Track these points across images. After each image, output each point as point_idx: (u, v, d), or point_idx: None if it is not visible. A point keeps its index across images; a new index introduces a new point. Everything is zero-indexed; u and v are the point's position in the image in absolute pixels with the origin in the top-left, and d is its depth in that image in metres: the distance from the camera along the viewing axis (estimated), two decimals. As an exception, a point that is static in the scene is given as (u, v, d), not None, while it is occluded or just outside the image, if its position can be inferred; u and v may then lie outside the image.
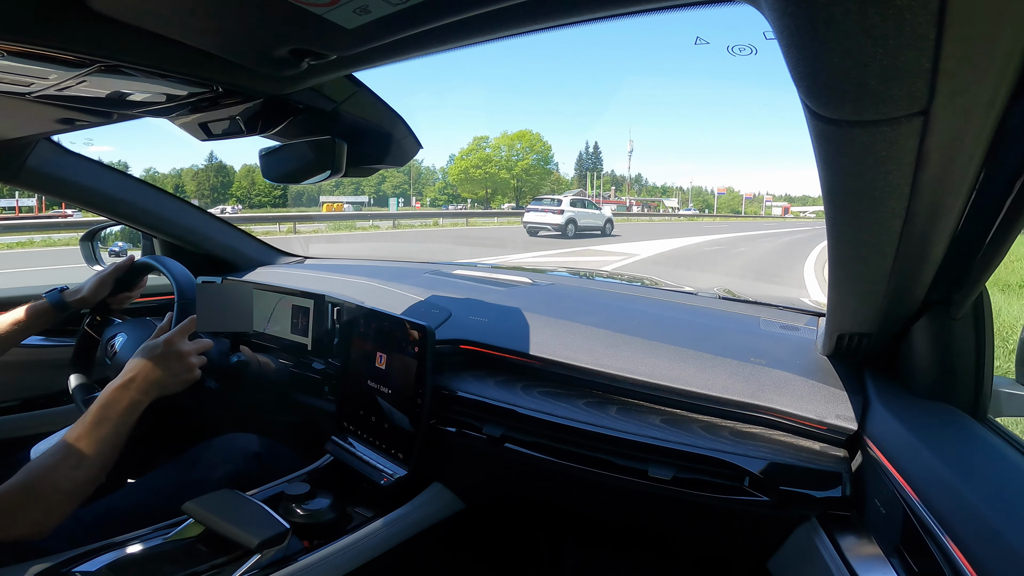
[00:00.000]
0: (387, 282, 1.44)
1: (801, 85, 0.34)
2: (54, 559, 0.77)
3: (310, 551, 0.87)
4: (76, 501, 0.80)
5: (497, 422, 0.98)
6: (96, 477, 0.82)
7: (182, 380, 0.95)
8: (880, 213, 0.46)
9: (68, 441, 0.81)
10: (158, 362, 0.92)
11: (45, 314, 1.20)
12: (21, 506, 0.74)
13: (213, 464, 1.07)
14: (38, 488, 0.76)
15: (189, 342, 0.97)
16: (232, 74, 0.73)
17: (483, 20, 0.58)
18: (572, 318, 1.12)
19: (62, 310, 1.22)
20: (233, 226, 1.78)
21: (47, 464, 0.78)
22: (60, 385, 1.32)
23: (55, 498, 0.77)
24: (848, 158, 0.40)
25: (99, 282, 1.26)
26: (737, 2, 0.43)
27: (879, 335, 0.77)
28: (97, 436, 0.83)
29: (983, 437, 0.62)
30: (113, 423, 0.84)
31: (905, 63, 0.30)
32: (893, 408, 0.71)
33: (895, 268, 0.57)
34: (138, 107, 0.85)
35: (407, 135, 0.98)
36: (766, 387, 0.85)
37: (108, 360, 1.20)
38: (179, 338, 0.96)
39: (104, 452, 0.83)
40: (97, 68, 0.66)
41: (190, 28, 0.61)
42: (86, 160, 1.38)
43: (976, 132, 0.38)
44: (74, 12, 0.55)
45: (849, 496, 0.73)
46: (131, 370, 0.90)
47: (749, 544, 0.90)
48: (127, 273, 1.31)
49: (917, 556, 0.56)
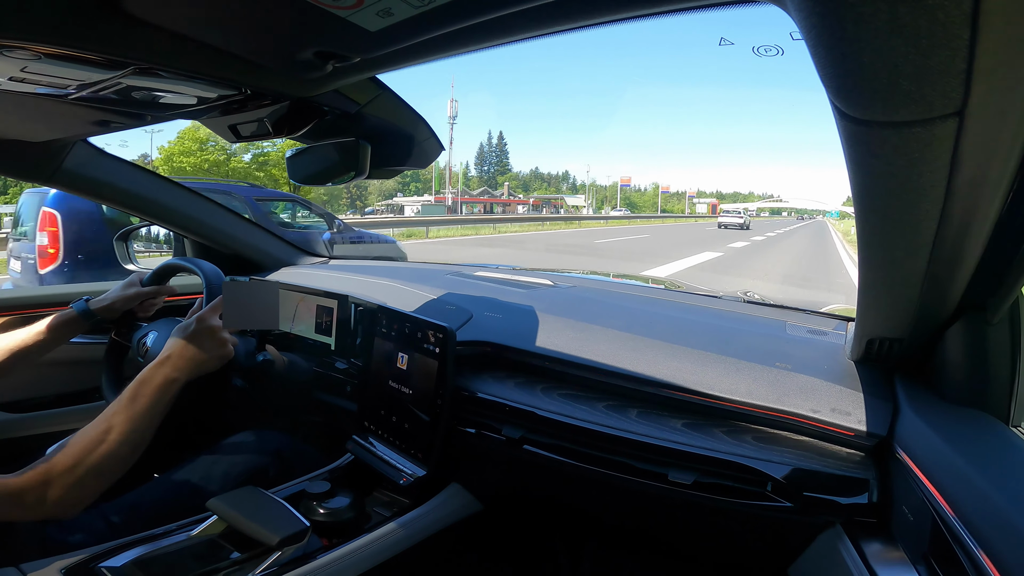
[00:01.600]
0: (409, 283, 1.45)
1: (830, 86, 0.34)
2: (79, 554, 0.78)
3: (329, 549, 0.88)
4: (105, 479, 0.79)
5: (516, 424, 0.98)
6: (128, 456, 0.81)
7: (217, 356, 0.95)
8: (913, 215, 0.45)
9: (103, 417, 0.82)
10: (192, 339, 0.93)
11: (74, 323, 1.22)
12: (43, 482, 0.74)
13: (235, 461, 1.09)
14: (62, 463, 0.75)
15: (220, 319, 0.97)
16: (259, 76, 0.75)
17: (506, 22, 0.58)
18: (593, 321, 1.12)
19: (89, 319, 1.24)
20: (260, 226, 1.81)
21: (75, 440, 0.78)
22: (94, 382, 1.35)
23: (79, 473, 0.76)
24: (880, 159, 0.39)
25: (125, 293, 1.27)
26: (763, 2, 0.42)
27: (911, 340, 0.75)
28: (130, 413, 0.83)
29: (1017, 445, 0.60)
30: (148, 399, 0.85)
31: (938, 63, 0.29)
32: (924, 414, 0.69)
33: (929, 271, 0.55)
34: (170, 109, 0.88)
35: (429, 136, 0.99)
36: (791, 392, 0.84)
37: (141, 359, 1.23)
38: (210, 315, 0.96)
39: (137, 429, 0.82)
40: (131, 70, 0.68)
41: (219, 30, 0.62)
42: (120, 161, 1.42)
43: (1014, 132, 0.37)
44: (109, 15, 0.57)
45: (876, 503, 0.71)
46: (166, 349, 0.92)
47: (770, 550, 0.88)
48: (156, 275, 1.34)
49: (945, 565, 0.54)
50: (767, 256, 14.28)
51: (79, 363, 1.48)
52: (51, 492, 0.74)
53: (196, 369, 0.92)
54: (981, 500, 0.51)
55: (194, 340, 0.93)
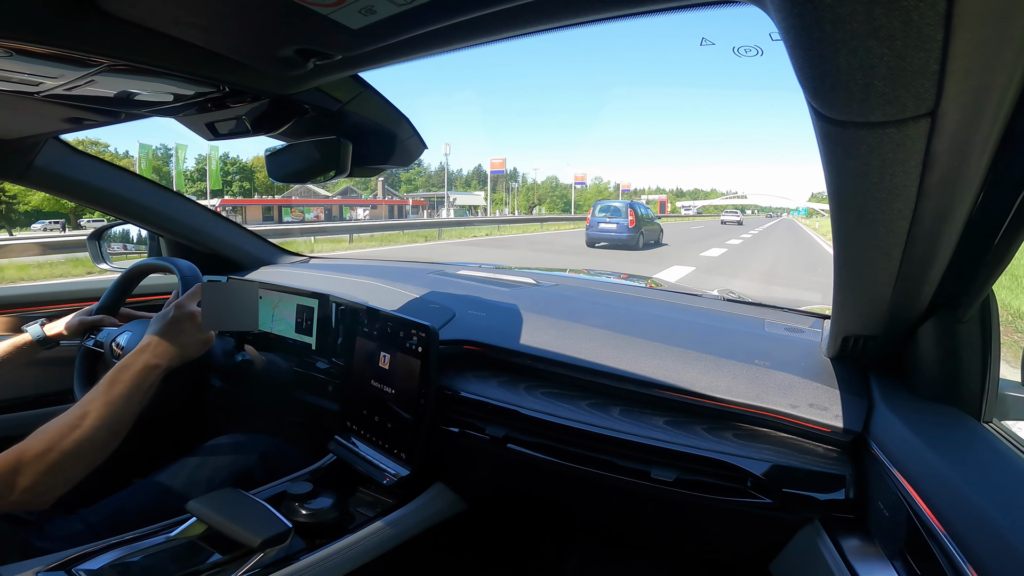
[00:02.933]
0: (391, 282, 1.44)
1: (807, 87, 0.34)
2: (56, 557, 0.77)
3: (312, 550, 0.88)
4: (80, 465, 0.76)
5: (500, 422, 0.98)
6: (104, 442, 0.79)
7: (198, 342, 0.93)
8: (887, 215, 0.46)
9: (79, 404, 0.80)
10: (172, 325, 0.91)
11: (29, 348, 1.21)
12: (13, 469, 0.70)
13: (220, 464, 1.07)
14: (34, 448, 0.72)
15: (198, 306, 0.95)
16: (238, 74, 0.73)
17: (488, 21, 0.58)
18: (576, 319, 1.12)
19: (44, 344, 1.23)
20: (238, 225, 1.79)
21: (47, 426, 0.76)
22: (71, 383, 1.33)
23: (51, 458, 0.73)
24: (854, 159, 0.40)
25: (71, 322, 1.26)
26: (743, 3, 0.43)
27: (885, 337, 0.76)
28: (108, 398, 0.81)
29: (988, 441, 0.62)
30: (127, 385, 0.83)
31: (912, 64, 0.30)
32: (898, 411, 0.70)
33: (902, 270, 0.56)
34: (146, 107, 0.86)
35: (412, 135, 0.98)
36: (770, 389, 0.85)
37: (115, 359, 1.20)
38: (189, 302, 0.95)
39: (115, 415, 0.80)
40: (106, 68, 0.66)
41: (197, 28, 0.61)
42: (93, 159, 1.39)
43: (984, 134, 0.38)
44: (83, 12, 0.55)
45: (852, 499, 0.73)
46: (146, 338, 0.90)
47: (751, 546, 0.90)
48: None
49: (921, 560, 0.56)
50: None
51: (55, 364, 1.44)
52: (21, 479, 0.71)
53: (177, 355, 0.90)
54: (954, 496, 0.52)
55: (174, 326, 0.91)
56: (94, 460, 0.78)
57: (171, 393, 0.98)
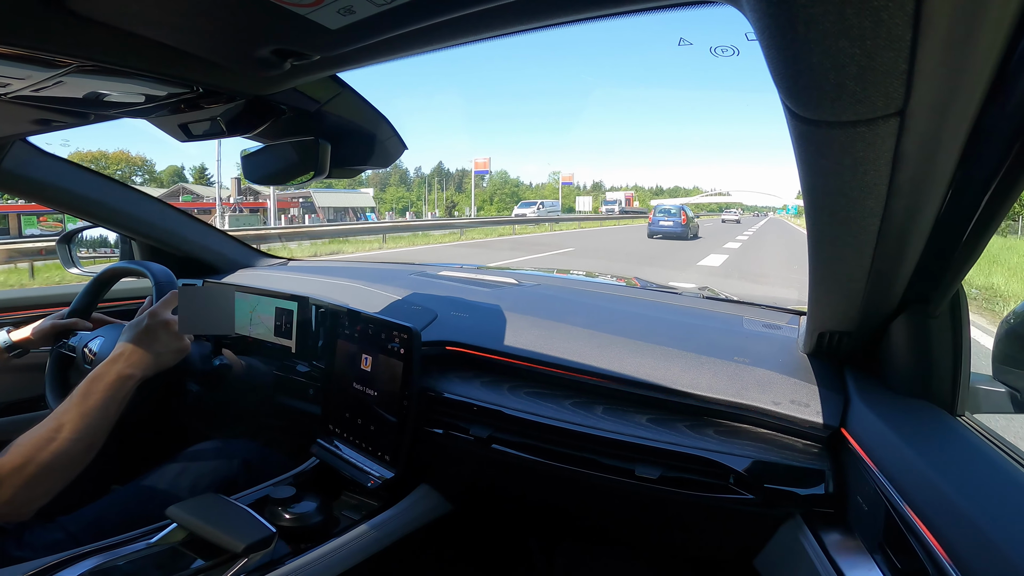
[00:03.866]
0: (372, 284, 1.43)
1: (782, 86, 0.35)
2: (35, 565, 0.75)
3: (297, 555, 0.86)
4: (58, 478, 0.76)
5: (484, 423, 0.98)
6: (81, 454, 0.78)
7: (173, 350, 0.92)
8: (858, 212, 0.47)
9: (53, 415, 0.79)
10: (146, 334, 0.90)
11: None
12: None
13: (203, 471, 1.06)
14: (10, 463, 0.72)
15: (174, 315, 0.94)
16: (213, 74, 0.72)
17: (467, 21, 0.58)
18: (558, 318, 1.13)
19: (10, 350, 1.21)
20: (213, 228, 1.75)
21: (22, 440, 0.75)
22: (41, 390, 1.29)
23: (29, 471, 0.73)
24: (827, 158, 0.40)
25: (42, 327, 1.24)
26: (719, 3, 0.43)
27: (859, 333, 0.78)
28: (82, 410, 0.80)
29: (960, 433, 0.63)
30: (101, 396, 0.82)
31: (882, 64, 0.30)
32: (873, 405, 0.72)
33: (874, 267, 0.57)
34: (116, 108, 0.84)
35: (391, 136, 0.98)
36: (749, 385, 0.86)
37: (88, 365, 1.17)
38: (163, 310, 0.93)
39: (90, 426, 0.79)
40: (74, 68, 0.64)
41: (170, 28, 0.60)
42: (63, 161, 1.35)
43: (952, 132, 0.39)
44: (50, 11, 0.54)
45: (832, 493, 0.74)
46: (119, 347, 0.88)
47: (736, 542, 0.91)
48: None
49: (900, 552, 0.57)
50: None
51: (25, 370, 1.40)
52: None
53: (152, 365, 0.89)
54: (930, 490, 0.53)
55: (148, 335, 0.90)
56: (72, 472, 0.78)
57: (146, 400, 0.96)
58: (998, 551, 0.43)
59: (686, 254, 13.41)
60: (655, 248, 15.16)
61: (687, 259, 12.06)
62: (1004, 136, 0.42)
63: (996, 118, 0.41)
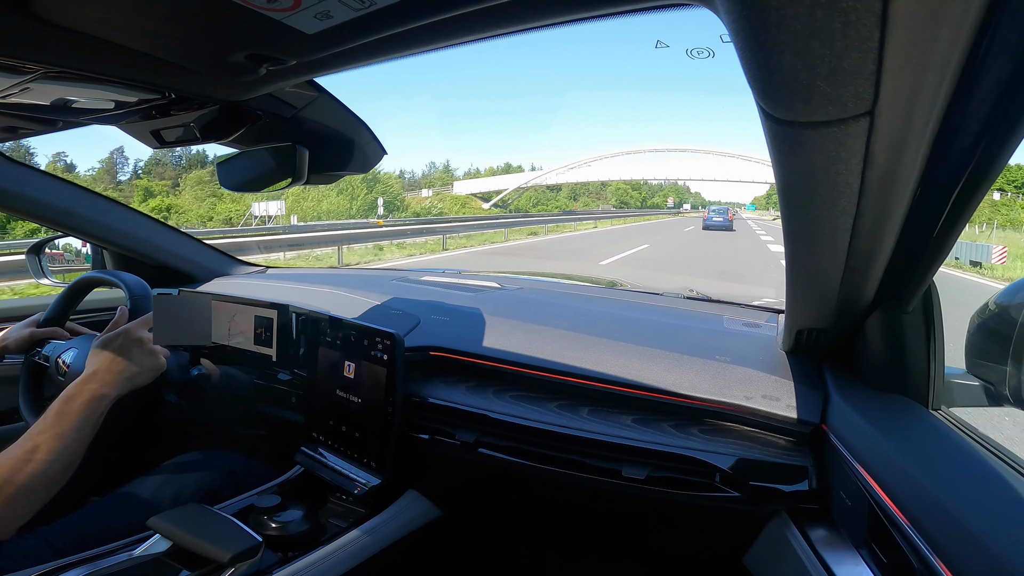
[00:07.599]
0: (352, 290, 1.42)
1: (756, 87, 0.35)
2: None
3: (285, 564, 0.85)
4: (36, 498, 0.75)
5: (470, 427, 0.97)
6: (58, 475, 0.78)
7: (149, 369, 0.91)
8: (832, 211, 0.48)
9: (28, 436, 0.78)
10: (120, 352, 0.88)
11: None
12: None
13: (185, 482, 1.04)
14: None
15: (149, 332, 0.93)
16: (185, 80, 0.71)
17: (444, 26, 0.58)
18: (541, 322, 1.13)
19: None
20: (188, 236, 1.72)
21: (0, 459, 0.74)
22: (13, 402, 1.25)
23: (7, 492, 0.72)
24: (800, 158, 0.41)
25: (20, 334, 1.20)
26: (694, 6, 0.44)
27: (835, 330, 0.79)
28: (57, 431, 0.79)
29: (935, 426, 0.64)
30: (75, 416, 0.81)
31: (851, 65, 0.31)
32: (851, 401, 0.73)
33: (848, 264, 0.58)
34: (85, 114, 0.82)
35: (370, 140, 0.97)
36: (731, 384, 0.87)
37: (61, 377, 1.14)
38: (138, 329, 0.92)
39: (67, 447, 0.79)
40: (41, 75, 0.63)
41: (140, 33, 0.59)
42: (30, 169, 1.31)
43: (919, 131, 0.40)
44: (15, 16, 0.52)
45: (816, 489, 0.75)
46: (92, 364, 0.87)
47: (724, 540, 0.91)
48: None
49: (884, 546, 0.58)
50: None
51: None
52: None
53: (127, 383, 0.88)
54: (910, 483, 0.54)
55: (122, 353, 0.88)
56: (50, 491, 0.77)
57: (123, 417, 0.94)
58: (978, 541, 0.44)
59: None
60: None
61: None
62: (970, 135, 0.43)
63: (961, 117, 0.42)
